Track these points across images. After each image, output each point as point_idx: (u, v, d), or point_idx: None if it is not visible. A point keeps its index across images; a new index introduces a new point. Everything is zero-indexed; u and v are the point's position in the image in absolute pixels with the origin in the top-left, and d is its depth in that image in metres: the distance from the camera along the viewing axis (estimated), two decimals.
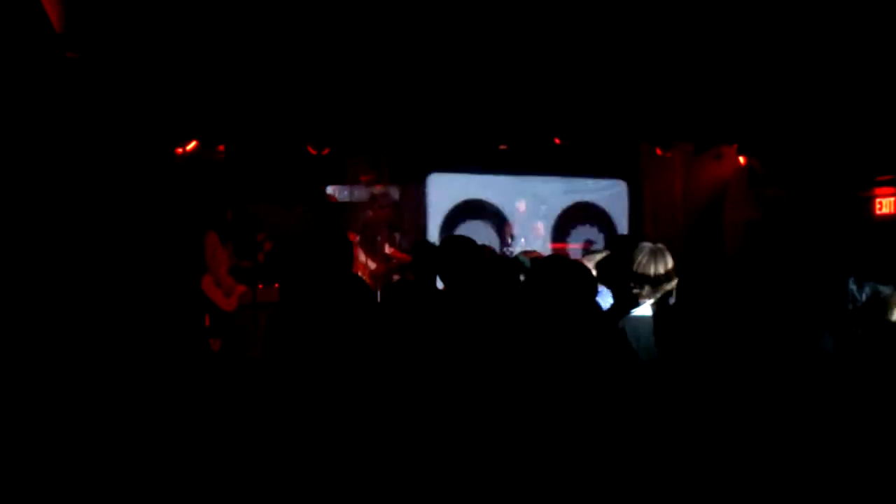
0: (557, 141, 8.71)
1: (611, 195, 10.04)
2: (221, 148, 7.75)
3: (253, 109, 6.88)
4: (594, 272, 3.13)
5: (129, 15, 5.78)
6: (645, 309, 2.86)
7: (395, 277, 8.01)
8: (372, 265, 8.05)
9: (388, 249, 8.38)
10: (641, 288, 2.89)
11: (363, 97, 7.22)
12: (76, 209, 5.39)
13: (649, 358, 2.63)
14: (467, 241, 3.46)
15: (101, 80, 5.88)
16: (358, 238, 8.09)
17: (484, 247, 4.11)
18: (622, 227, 9.95)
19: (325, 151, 7.87)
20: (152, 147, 6.51)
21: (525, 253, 4.22)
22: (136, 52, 5.97)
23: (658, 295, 2.86)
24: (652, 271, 2.89)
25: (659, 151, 9.32)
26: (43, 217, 5.01)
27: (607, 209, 9.99)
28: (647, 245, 3.00)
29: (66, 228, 5.21)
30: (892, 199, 7.69)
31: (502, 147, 9.07)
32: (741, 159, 8.83)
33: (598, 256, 3.63)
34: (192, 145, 7.30)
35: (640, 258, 2.92)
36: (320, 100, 7.06)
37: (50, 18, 5.17)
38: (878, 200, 7.80)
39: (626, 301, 3.01)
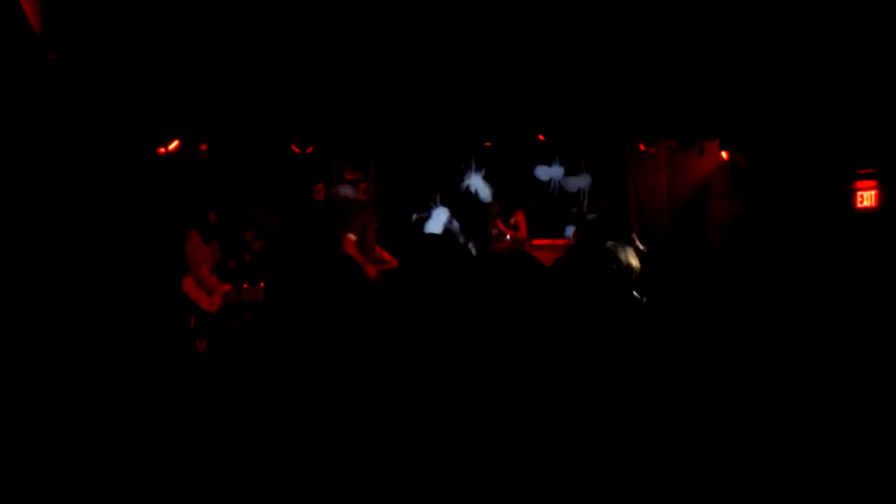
0: (542, 138, 8.74)
1: None
2: (204, 147, 7.71)
3: (236, 108, 6.85)
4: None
5: (109, 14, 5.74)
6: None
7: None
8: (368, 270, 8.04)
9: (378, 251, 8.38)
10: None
11: (348, 95, 7.20)
12: (58, 210, 5.35)
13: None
14: (449, 239, 3.44)
15: (82, 80, 5.83)
16: (355, 239, 8.08)
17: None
18: None
19: (310, 150, 7.85)
20: (134, 147, 6.47)
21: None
22: (117, 51, 5.93)
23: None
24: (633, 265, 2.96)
25: (643, 147, 9.38)
26: (24, 218, 4.97)
27: None
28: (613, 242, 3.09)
29: (48, 229, 5.17)
30: (873, 192, 7.76)
31: (487, 144, 9.09)
32: (724, 154, 8.90)
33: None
34: (174, 145, 7.25)
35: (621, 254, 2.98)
36: (304, 98, 7.04)
37: (29, 19, 5.12)
38: (859, 194, 7.87)
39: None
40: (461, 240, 9.13)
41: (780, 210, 8.13)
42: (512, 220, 9.31)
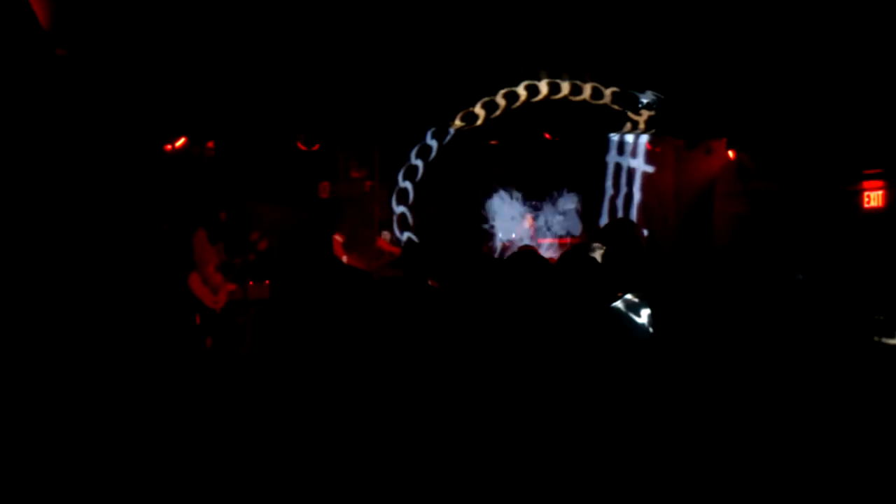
0: (548, 136, 8.73)
1: None
2: (211, 144, 7.72)
3: (242, 105, 6.85)
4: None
5: (117, 11, 5.75)
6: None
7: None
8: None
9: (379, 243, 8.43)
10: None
11: (354, 93, 7.20)
12: (64, 206, 5.36)
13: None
14: (462, 237, 3.43)
15: (89, 76, 5.84)
16: (342, 240, 8.12)
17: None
18: None
19: (316, 147, 7.86)
20: (141, 144, 6.48)
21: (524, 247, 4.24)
22: (124, 48, 5.94)
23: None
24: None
25: (649, 146, 9.38)
26: (30, 215, 4.99)
27: None
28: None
29: (54, 225, 5.19)
30: (880, 192, 7.74)
31: (492, 142, 9.08)
32: (730, 153, 8.88)
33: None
34: (181, 142, 7.27)
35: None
36: (310, 95, 7.04)
37: (37, 16, 5.14)
38: (866, 194, 7.85)
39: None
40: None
41: (786, 210, 8.12)
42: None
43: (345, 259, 7.73)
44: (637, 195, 9.72)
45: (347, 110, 7.36)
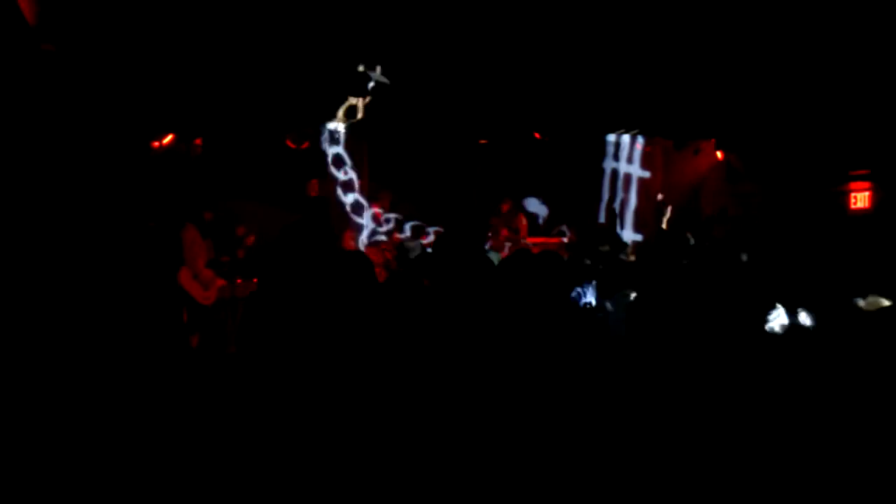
0: (538, 136, 8.75)
1: None
2: (199, 142, 7.67)
3: (231, 103, 6.82)
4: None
5: (104, 7, 5.70)
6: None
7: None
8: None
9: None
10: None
11: (344, 91, 7.19)
12: (50, 203, 5.31)
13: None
14: (458, 237, 3.40)
15: (75, 72, 5.79)
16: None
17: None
18: None
19: (305, 145, 7.83)
20: (128, 141, 6.43)
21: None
22: (111, 44, 5.90)
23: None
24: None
25: (638, 146, 9.42)
26: (15, 211, 4.94)
27: None
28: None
29: (40, 222, 5.14)
30: (867, 193, 7.80)
31: (482, 141, 9.08)
32: (719, 154, 8.93)
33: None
34: (168, 139, 7.22)
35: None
36: (300, 93, 7.02)
37: (23, 11, 5.09)
38: (852, 195, 7.91)
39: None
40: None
41: (773, 211, 8.17)
42: (514, 224, 9.28)
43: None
44: (633, 200, 9.76)
45: (337, 109, 7.36)
